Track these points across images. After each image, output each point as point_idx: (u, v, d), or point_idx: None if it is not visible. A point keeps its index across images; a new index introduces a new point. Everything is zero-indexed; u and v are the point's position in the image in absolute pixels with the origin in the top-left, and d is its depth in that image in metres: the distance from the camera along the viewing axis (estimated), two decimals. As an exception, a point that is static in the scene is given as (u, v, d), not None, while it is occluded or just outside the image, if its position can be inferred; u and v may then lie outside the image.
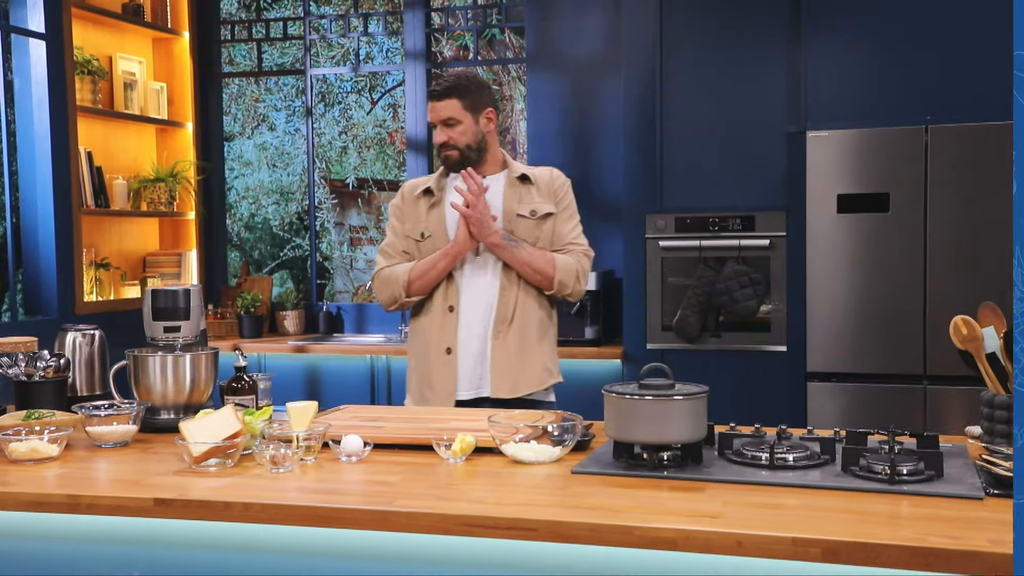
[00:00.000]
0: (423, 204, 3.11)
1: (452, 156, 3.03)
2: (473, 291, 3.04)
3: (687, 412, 2.11)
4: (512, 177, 3.08)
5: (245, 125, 7.54)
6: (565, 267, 3.06)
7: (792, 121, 4.52)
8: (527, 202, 3.07)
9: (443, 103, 3.00)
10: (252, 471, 2.14)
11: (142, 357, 2.56)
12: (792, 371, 4.51)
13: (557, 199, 3.12)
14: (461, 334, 3.02)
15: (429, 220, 3.08)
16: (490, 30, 5.66)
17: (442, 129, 3.02)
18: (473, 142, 3.03)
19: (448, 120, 3.00)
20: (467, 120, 3.01)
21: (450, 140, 3.01)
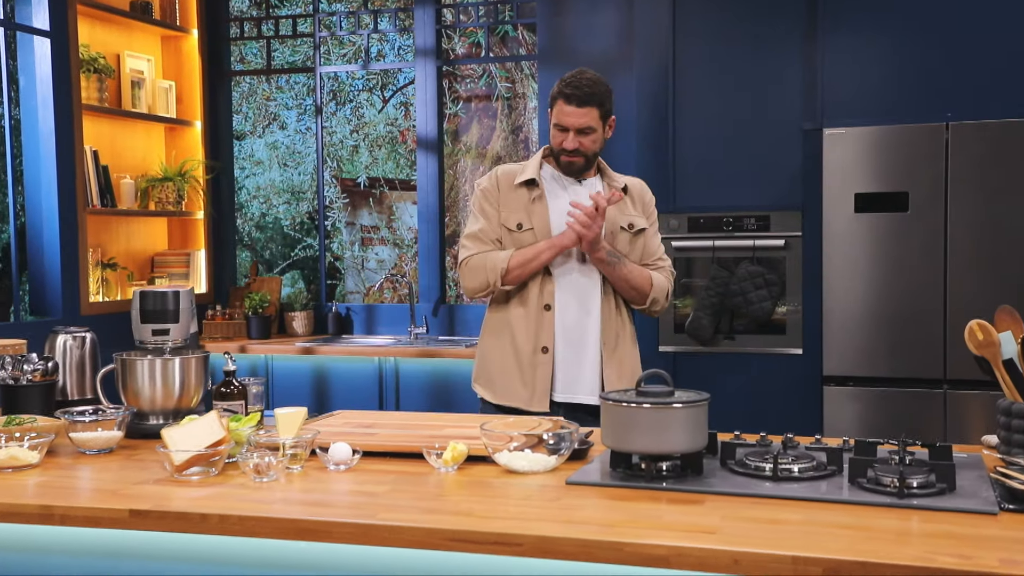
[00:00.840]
0: (524, 194, 3.01)
1: (578, 163, 2.98)
2: (569, 293, 2.98)
3: (687, 421, 2.02)
4: (612, 186, 3.02)
5: (256, 124, 7.49)
6: (659, 286, 3.04)
7: (808, 118, 4.41)
8: (626, 214, 3.03)
9: (583, 110, 2.92)
10: (236, 480, 2.06)
11: (130, 361, 2.49)
12: (808, 375, 4.40)
13: (647, 213, 3.11)
14: (558, 335, 2.96)
15: (532, 212, 2.99)
16: (503, 27, 5.57)
17: (575, 137, 2.93)
18: (599, 149, 3.00)
19: (585, 129, 2.93)
20: (600, 129, 2.96)
21: (581, 147, 2.94)
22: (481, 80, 5.95)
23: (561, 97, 2.96)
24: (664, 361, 4.56)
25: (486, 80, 5.92)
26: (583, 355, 2.98)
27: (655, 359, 4.56)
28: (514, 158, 5.50)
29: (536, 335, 2.96)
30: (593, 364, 2.99)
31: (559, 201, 3.00)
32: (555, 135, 2.99)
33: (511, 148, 5.62)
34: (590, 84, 2.95)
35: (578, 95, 2.92)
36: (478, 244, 3.03)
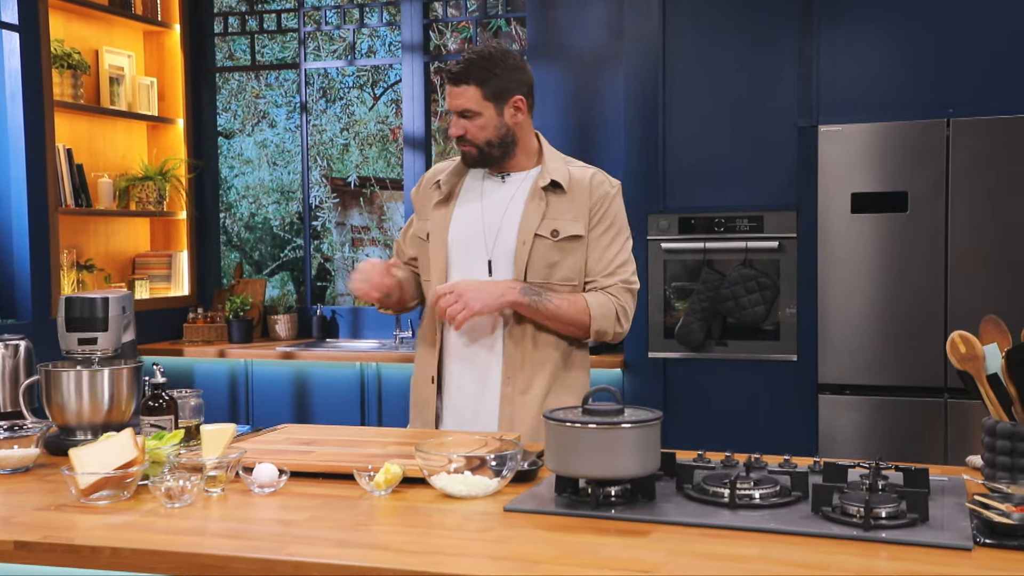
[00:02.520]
0: (433, 197, 2.64)
1: (469, 153, 2.54)
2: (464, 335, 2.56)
3: (636, 442, 1.85)
4: (538, 184, 2.54)
5: (245, 122, 7.34)
6: (602, 312, 2.54)
7: (803, 114, 4.22)
8: (552, 217, 2.52)
9: (458, 89, 2.48)
10: (146, 506, 1.90)
11: (54, 372, 2.33)
12: (803, 382, 4.21)
13: (595, 213, 2.56)
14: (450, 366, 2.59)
15: (434, 220, 2.61)
16: (495, 21, 5.40)
17: (457, 120, 2.51)
18: (495, 137, 2.50)
19: (465, 111, 2.49)
20: (488, 112, 2.48)
21: (467, 134, 2.50)
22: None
23: (445, 77, 2.56)
24: (653, 367, 4.38)
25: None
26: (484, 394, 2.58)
27: (644, 366, 4.39)
28: (506, 156, 5.39)
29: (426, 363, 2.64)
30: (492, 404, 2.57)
31: (470, 206, 2.60)
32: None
33: (503, 146, 5.48)
34: (469, 57, 2.49)
35: (452, 72, 2.49)
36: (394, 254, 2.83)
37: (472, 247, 2.58)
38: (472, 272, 2.56)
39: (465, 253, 2.58)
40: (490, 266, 2.56)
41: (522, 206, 2.55)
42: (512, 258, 2.53)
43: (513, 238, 2.53)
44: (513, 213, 2.55)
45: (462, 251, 2.58)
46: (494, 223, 2.57)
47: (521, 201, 2.55)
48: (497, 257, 2.55)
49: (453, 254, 2.58)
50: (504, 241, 2.55)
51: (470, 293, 2.44)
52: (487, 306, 2.46)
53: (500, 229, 2.56)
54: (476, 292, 2.45)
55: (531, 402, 2.55)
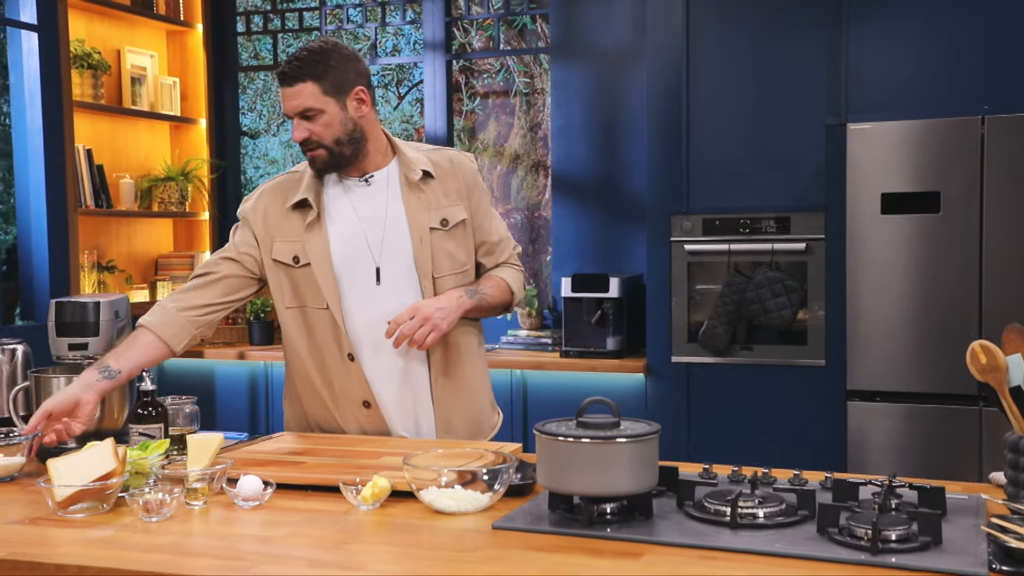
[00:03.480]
0: (297, 220, 2.44)
1: (319, 157, 2.38)
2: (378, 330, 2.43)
3: (632, 458, 1.75)
4: (410, 177, 2.44)
5: (270, 122, 7.31)
6: (518, 286, 2.60)
7: (831, 112, 4.09)
8: (435, 208, 2.45)
9: (294, 89, 2.32)
10: (124, 519, 1.83)
11: (44, 378, 2.28)
12: (831, 388, 4.08)
13: (469, 193, 2.50)
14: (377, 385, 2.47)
15: (308, 243, 2.42)
16: (520, 19, 5.32)
17: (300, 124, 2.35)
18: (343, 134, 2.37)
19: (305, 112, 2.34)
20: (330, 107, 2.34)
21: (312, 136, 2.35)
22: (499, 75, 5.71)
23: (278, 80, 2.38)
24: (676, 372, 4.27)
25: (504, 75, 5.68)
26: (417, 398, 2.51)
27: (668, 370, 4.28)
28: (532, 156, 5.24)
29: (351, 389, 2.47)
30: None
31: (343, 217, 2.46)
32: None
33: (529, 146, 5.38)
34: (300, 55, 2.34)
35: (285, 71, 2.33)
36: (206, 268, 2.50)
37: (359, 261, 2.45)
38: (362, 285, 2.45)
39: (352, 269, 2.45)
40: (378, 273, 2.45)
41: (400, 204, 2.45)
42: (411, 258, 2.44)
43: (405, 238, 2.44)
44: (394, 213, 2.45)
45: (349, 267, 2.45)
46: (375, 228, 2.46)
47: (397, 199, 2.46)
48: (387, 262, 2.45)
49: (340, 273, 2.45)
50: (394, 244, 2.45)
51: (436, 313, 2.37)
52: (452, 322, 2.41)
53: (385, 232, 2.45)
54: (440, 311, 2.38)
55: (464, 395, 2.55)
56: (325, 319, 2.44)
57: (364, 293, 2.44)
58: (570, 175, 4.88)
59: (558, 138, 4.92)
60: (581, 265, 4.82)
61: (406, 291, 2.44)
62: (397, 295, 2.44)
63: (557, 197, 4.92)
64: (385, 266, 2.44)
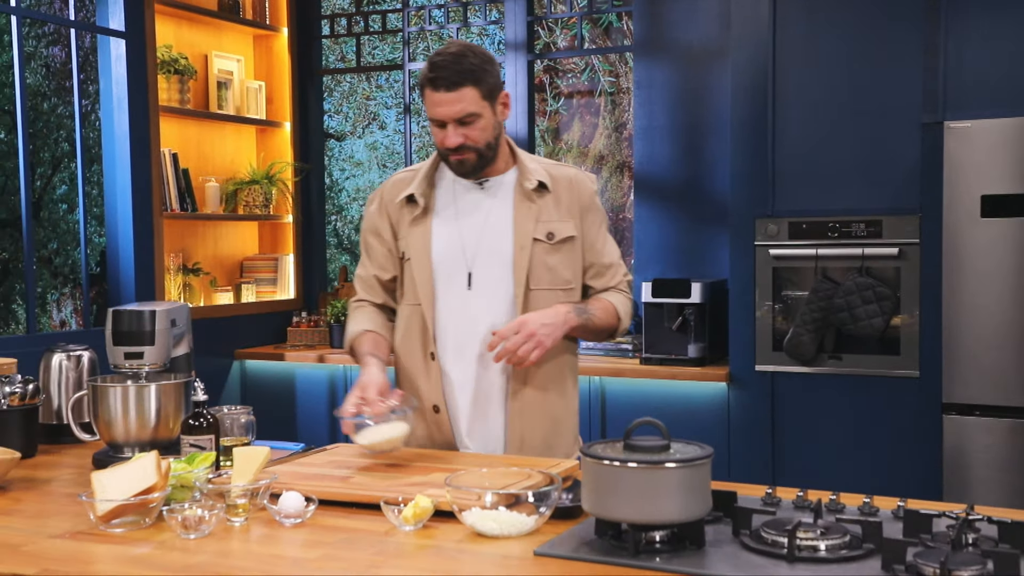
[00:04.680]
0: (407, 215, 2.47)
1: (470, 160, 2.36)
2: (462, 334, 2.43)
3: (682, 484, 1.65)
4: (524, 186, 2.43)
5: (356, 124, 7.32)
6: (626, 311, 2.53)
7: (928, 110, 3.89)
8: (544, 220, 2.42)
9: (456, 94, 2.28)
10: (162, 536, 1.81)
11: (101, 387, 2.27)
12: (926, 401, 3.88)
13: (582, 213, 2.49)
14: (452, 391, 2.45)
15: (412, 238, 2.44)
16: (606, 17, 5.22)
17: (456, 129, 2.32)
18: (492, 139, 2.37)
19: (465, 118, 2.31)
20: (486, 112, 2.33)
21: (467, 142, 2.33)
22: (584, 75, 5.61)
23: (427, 85, 2.32)
24: (761, 382, 4.11)
25: (589, 74, 5.58)
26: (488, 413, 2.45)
27: (751, 380, 4.13)
28: (617, 157, 5.13)
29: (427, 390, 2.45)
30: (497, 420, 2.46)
31: (447, 217, 2.45)
32: (434, 132, 2.37)
33: (614, 146, 5.27)
34: (456, 60, 2.30)
35: (445, 76, 2.28)
36: (361, 288, 2.56)
37: (453, 262, 2.44)
38: (454, 288, 2.43)
39: (447, 269, 2.44)
40: (470, 279, 2.42)
41: (509, 211, 2.43)
42: (508, 265, 2.41)
43: (506, 245, 2.42)
44: (499, 219, 2.43)
45: (444, 268, 2.44)
46: (474, 232, 2.44)
47: (506, 205, 2.44)
48: (481, 267, 2.42)
49: (436, 272, 2.44)
50: (492, 249, 2.43)
51: (541, 329, 2.31)
52: (556, 339, 2.36)
53: (482, 237, 2.43)
54: (546, 327, 2.33)
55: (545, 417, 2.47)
56: (417, 316, 2.44)
57: (455, 295, 2.43)
58: (653, 176, 4.76)
59: (641, 139, 4.80)
60: (664, 269, 4.70)
61: (498, 298, 2.42)
62: (487, 301, 2.42)
63: (640, 199, 4.80)
64: (478, 271, 2.42)
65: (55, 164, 6.99)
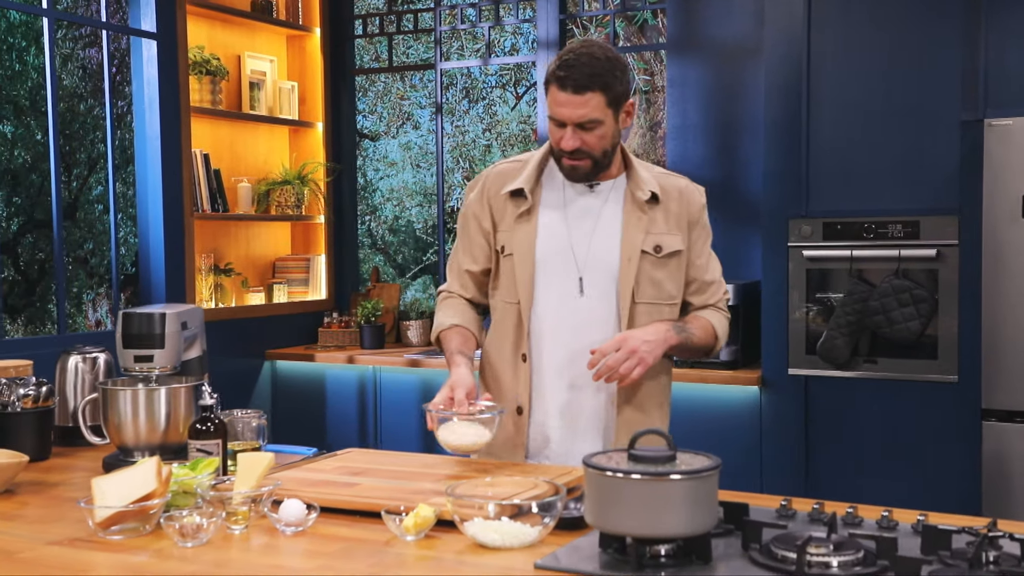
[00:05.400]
0: (511, 209, 2.40)
1: (583, 167, 2.30)
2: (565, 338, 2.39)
3: (687, 497, 1.60)
4: (636, 196, 2.37)
5: (390, 124, 7.30)
6: (723, 331, 2.49)
7: (967, 108, 3.78)
8: (654, 232, 2.37)
9: (582, 98, 2.21)
10: (162, 542, 1.78)
11: (111, 391, 2.26)
12: (964, 407, 3.78)
13: (691, 227, 2.44)
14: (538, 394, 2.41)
15: (515, 233, 2.38)
16: (641, 15, 5.13)
17: (575, 133, 2.24)
18: (611, 146, 2.30)
19: (587, 123, 2.24)
20: (609, 119, 2.26)
21: (584, 147, 2.26)
22: (618, 73, 5.56)
23: (554, 82, 2.25)
24: (794, 385, 4.03)
25: (623, 73, 5.53)
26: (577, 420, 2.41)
27: (784, 383, 4.04)
28: (651, 156, 5.05)
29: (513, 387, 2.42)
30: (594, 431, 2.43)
31: (555, 217, 2.39)
32: (552, 130, 2.31)
33: (648, 145, 5.20)
34: (589, 61, 2.23)
35: (574, 78, 2.21)
36: (452, 277, 2.51)
37: (561, 264, 2.39)
38: (560, 291, 2.38)
39: (552, 271, 2.39)
40: (581, 284, 2.37)
41: (618, 219, 2.38)
42: (615, 276, 2.37)
43: (613, 254, 2.37)
44: (608, 226, 2.38)
45: (550, 268, 2.39)
46: (583, 237, 2.39)
47: (616, 213, 2.39)
48: (590, 275, 2.38)
49: (539, 272, 2.39)
50: (600, 257, 2.38)
51: (643, 347, 2.26)
52: (657, 357, 2.31)
53: (592, 244, 2.38)
54: (647, 344, 2.27)
55: None
56: (512, 314, 2.40)
57: (561, 299, 2.38)
58: (686, 176, 4.67)
59: (674, 138, 4.72)
60: (697, 270, 4.61)
61: (604, 308, 2.38)
62: (594, 309, 2.38)
63: (673, 199, 4.72)
64: (589, 278, 2.38)
65: (91, 165, 7.06)
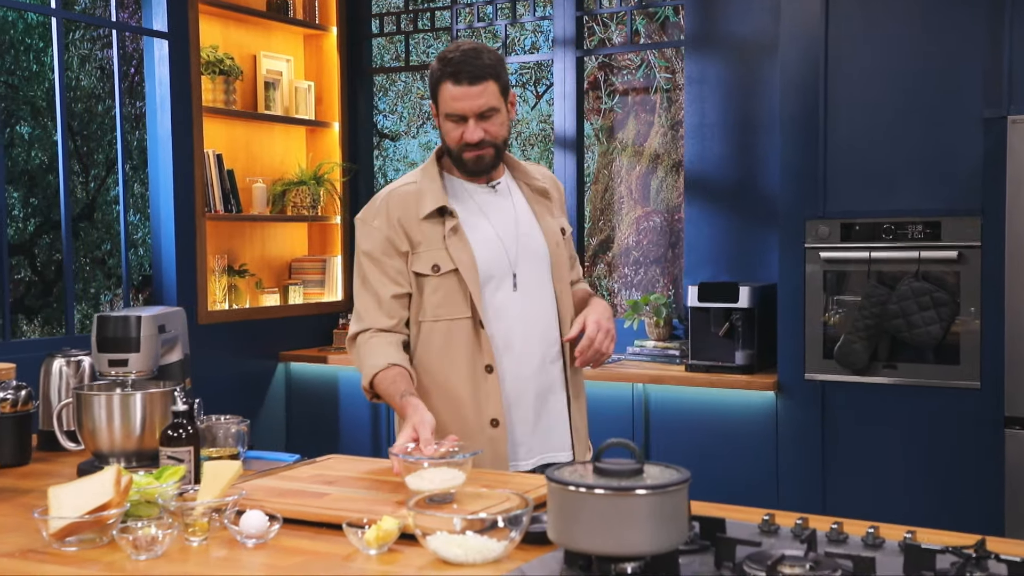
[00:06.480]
0: (431, 228, 2.35)
1: (488, 156, 2.35)
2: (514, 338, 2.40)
3: (653, 512, 1.51)
4: (534, 185, 2.48)
5: (411, 124, 7.24)
6: None
7: (990, 105, 3.65)
8: (555, 217, 2.51)
9: (479, 88, 2.28)
10: (115, 555, 1.72)
11: (85, 396, 2.21)
12: (986, 414, 3.65)
13: (562, 209, 2.58)
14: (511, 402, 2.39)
15: (451, 250, 2.34)
16: (662, 11, 5.02)
17: (477, 124, 2.30)
18: (507, 135, 2.40)
19: (487, 111, 2.31)
20: (503, 108, 2.35)
21: (488, 136, 2.32)
22: (639, 71, 5.44)
23: (446, 79, 2.30)
24: (811, 391, 3.92)
25: (644, 71, 5.41)
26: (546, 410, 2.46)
27: (800, 388, 3.93)
28: (672, 156, 4.95)
29: (481, 405, 2.36)
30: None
31: (479, 227, 2.40)
32: (450, 130, 2.34)
33: (669, 145, 5.10)
34: (476, 56, 2.30)
35: (468, 71, 2.27)
36: (370, 313, 2.36)
37: (497, 267, 2.40)
38: (499, 292, 2.39)
39: (492, 275, 2.39)
40: (515, 280, 2.41)
41: (528, 211, 2.47)
42: (546, 264, 2.45)
43: (540, 244, 2.44)
44: (524, 219, 2.46)
45: (490, 273, 2.39)
46: (509, 233, 2.43)
47: (523, 206, 2.47)
48: (522, 267, 2.42)
49: (484, 279, 2.39)
50: (529, 249, 2.43)
51: (611, 324, 2.38)
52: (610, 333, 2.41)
53: (519, 238, 2.43)
54: (610, 320, 2.39)
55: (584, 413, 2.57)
56: (464, 329, 2.36)
57: (501, 300, 2.39)
58: (704, 176, 4.58)
59: (692, 136, 4.62)
60: (715, 272, 4.51)
61: (540, 297, 2.44)
62: (532, 301, 2.42)
63: (690, 199, 4.62)
64: (520, 272, 2.41)
65: (109, 166, 7.09)
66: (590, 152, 5.81)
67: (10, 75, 6.44)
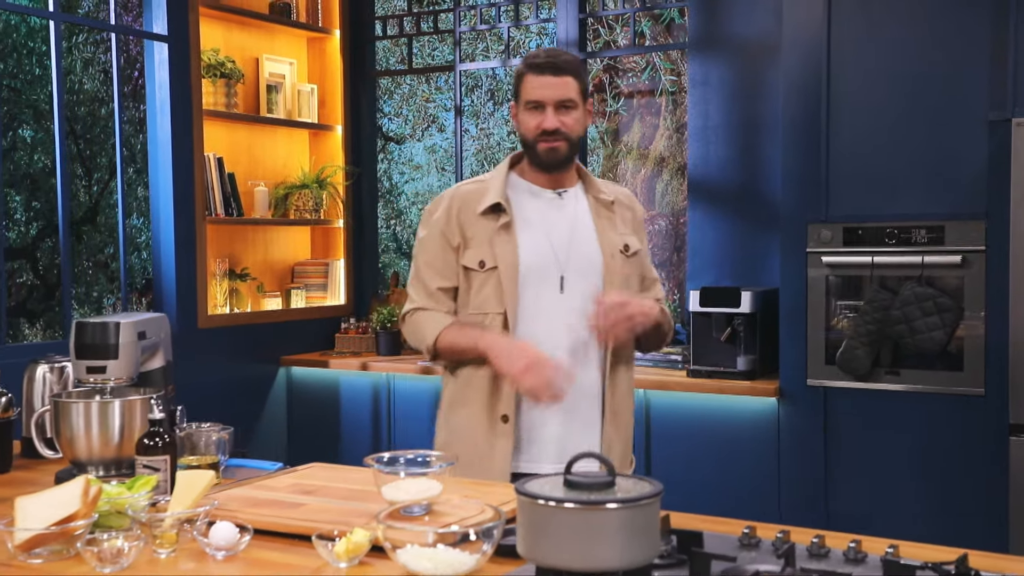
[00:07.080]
0: (485, 224, 2.44)
1: (561, 149, 2.42)
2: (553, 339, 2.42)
3: (623, 526, 1.47)
4: (601, 198, 2.53)
5: (415, 127, 7.21)
6: (671, 325, 2.60)
7: (995, 107, 3.59)
8: (620, 232, 2.53)
9: (561, 79, 2.39)
10: (82, 568, 1.69)
11: (63, 403, 2.18)
12: (991, 422, 3.59)
13: (638, 229, 2.63)
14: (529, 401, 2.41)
15: (496, 246, 2.42)
16: (667, 13, 4.98)
17: (555, 113, 2.39)
18: (581, 134, 2.49)
19: (567, 102, 2.40)
20: (580, 107, 2.45)
21: (563, 128, 2.40)
22: (644, 74, 5.40)
23: (529, 71, 2.41)
24: (813, 397, 3.86)
25: (650, 73, 5.36)
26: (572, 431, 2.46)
27: (802, 395, 3.88)
28: (677, 159, 4.91)
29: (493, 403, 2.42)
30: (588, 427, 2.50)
31: (534, 225, 2.46)
32: (527, 120, 2.41)
33: (675, 147, 5.05)
34: (559, 54, 2.43)
35: (551, 64, 2.39)
36: (419, 296, 2.50)
37: (543, 268, 2.44)
38: (544, 293, 2.43)
39: (535, 275, 2.44)
40: (562, 282, 2.43)
41: (591, 221, 2.51)
42: (599, 273, 2.46)
43: (596, 253, 2.47)
44: (584, 229, 2.50)
45: (535, 273, 2.44)
46: (563, 241, 2.47)
47: (587, 217, 2.51)
48: (572, 273, 2.44)
49: (525, 281, 2.43)
50: (582, 256, 2.46)
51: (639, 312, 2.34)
52: (646, 326, 2.39)
53: (572, 246, 2.46)
54: (641, 308, 2.34)
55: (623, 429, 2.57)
56: (494, 325, 2.42)
57: (546, 300, 2.43)
58: (708, 179, 4.53)
59: (696, 139, 4.57)
60: (718, 277, 4.47)
61: (586, 305, 2.39)
62: (576, 306, 2.41)
63: (693, 202, 4.58)
64: (568, 276, 2.44)
65: (112, 169, 7.09)
66: (595, 155, 5.77)
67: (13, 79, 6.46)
